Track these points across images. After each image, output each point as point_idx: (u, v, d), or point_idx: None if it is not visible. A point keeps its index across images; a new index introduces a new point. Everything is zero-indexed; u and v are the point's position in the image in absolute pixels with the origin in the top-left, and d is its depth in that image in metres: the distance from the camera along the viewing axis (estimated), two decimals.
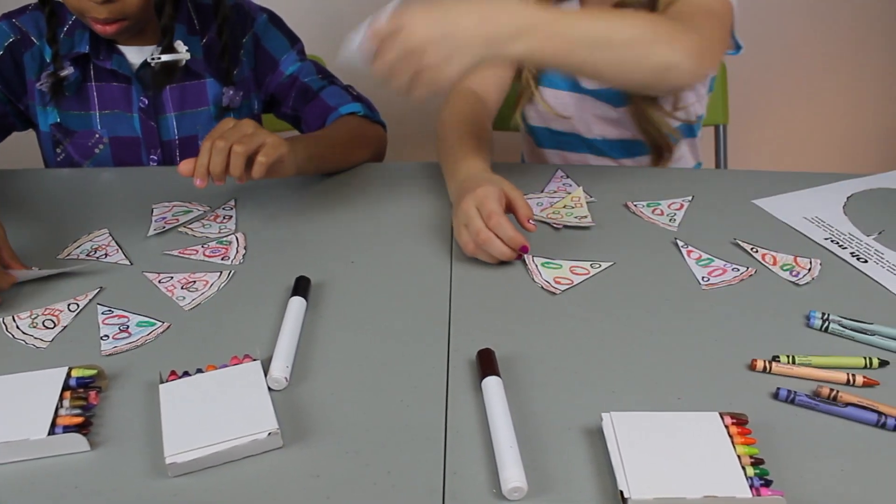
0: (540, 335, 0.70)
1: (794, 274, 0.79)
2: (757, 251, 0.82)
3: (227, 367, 0.64)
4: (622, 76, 0.80)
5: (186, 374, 0.63)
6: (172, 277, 0.80)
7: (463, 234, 0.80)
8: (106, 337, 0.71)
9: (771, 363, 0.65)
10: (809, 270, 0.79)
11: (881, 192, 0.96)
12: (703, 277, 0.78)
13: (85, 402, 0.61)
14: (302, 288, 0.75)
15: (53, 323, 0.73)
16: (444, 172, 0.95)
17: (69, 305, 0.76)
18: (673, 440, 0.56)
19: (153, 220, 0.92)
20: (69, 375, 0.63)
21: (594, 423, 0.59)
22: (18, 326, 0.73)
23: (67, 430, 0.58)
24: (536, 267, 0.80)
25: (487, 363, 0.64)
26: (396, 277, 0.80)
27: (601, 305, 0.74)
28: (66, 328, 0.73)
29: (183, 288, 0.78)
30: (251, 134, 0.85)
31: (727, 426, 0.57)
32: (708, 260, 0.81)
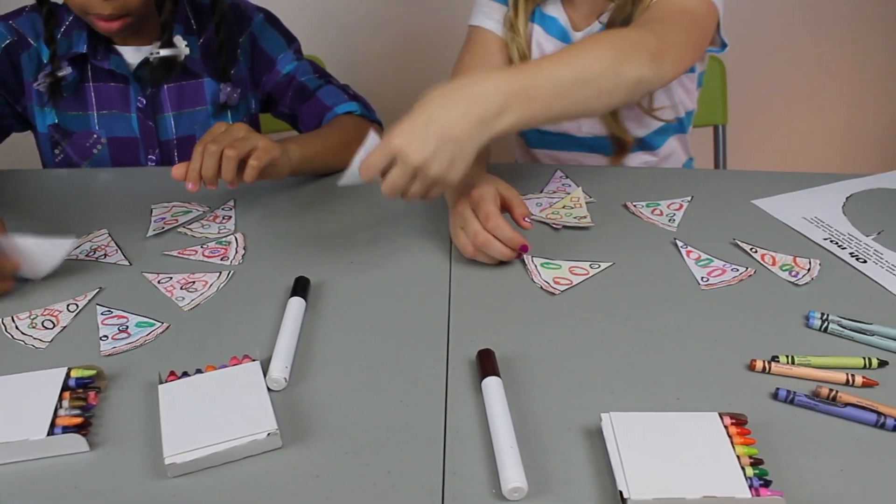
0: (539, 335, 0.70)
1: (793, 274, 0.79)
2: (756, 251, 0.82)
3: (226, 367, 0.64)
4: (605, 104, 0.80)
5: (186, 374, 0.63)
6: (172, 278, 0.80)
7: (460, 236, 0.80)
8: (105, 337, 0.71)
9: (770, 363, 0.65)
10: (809, 271, 0.79)
11: (880, 192, 0.96)
12: (702, 278, 0.78)
13: (84, 402, 0.61)
14: (301, 288, 0.75)
15: (53, 323, 0.73)
16: None
17: (68, 306, 0.76)
18: (672, 440, 0.56)
19: (152, 220, 0.92)
20: (68, 376, 0.63)
21: (594, 423, 0.59)
22: (18, 327, 0.73)
23: (67, 430, 0.58)
24: (536, 267, 0.80)
25: (487, 363, 0.64)
26: (396, 277, 0.80)
27: (600, 306, 0.74)
28: (65, 328, 0.73)
29: (182, 288, 0.78)
30: (243, 138, 0.85)
31: (726, 426, 0.57)
32: (707, 260, 0.81)
